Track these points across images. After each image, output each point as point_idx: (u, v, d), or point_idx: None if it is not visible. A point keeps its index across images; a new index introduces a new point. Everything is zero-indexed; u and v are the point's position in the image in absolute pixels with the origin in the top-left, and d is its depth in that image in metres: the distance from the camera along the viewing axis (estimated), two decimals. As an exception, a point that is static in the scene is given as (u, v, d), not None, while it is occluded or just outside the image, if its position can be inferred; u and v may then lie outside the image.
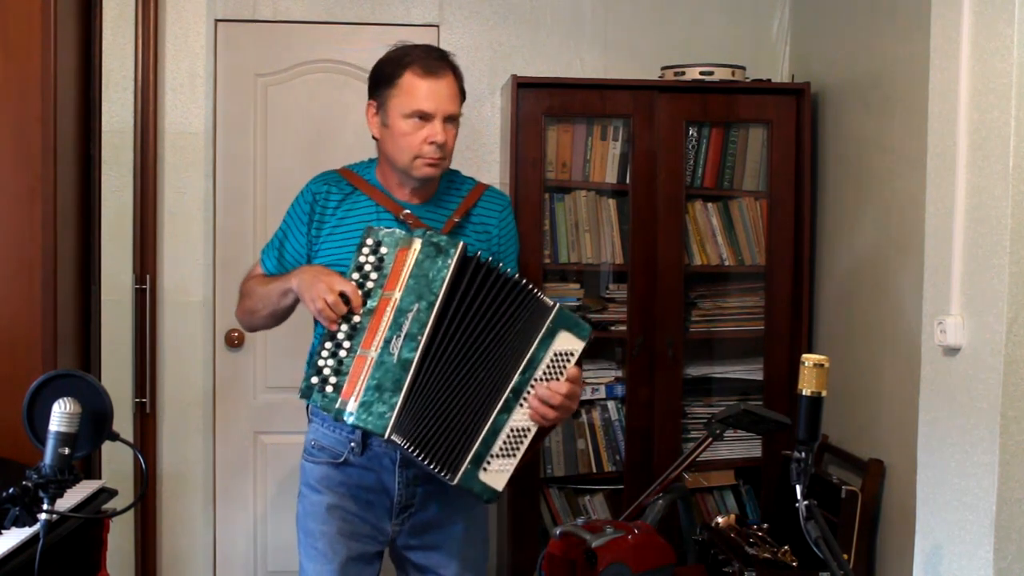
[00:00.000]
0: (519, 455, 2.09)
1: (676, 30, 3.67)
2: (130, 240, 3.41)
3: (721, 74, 3.37)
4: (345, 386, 2.04)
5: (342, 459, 2.23)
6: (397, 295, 2.05)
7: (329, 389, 2.05)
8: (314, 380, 2.06)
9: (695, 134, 3.44)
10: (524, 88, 3.30)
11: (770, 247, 3.43)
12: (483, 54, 3.61)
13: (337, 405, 2.03)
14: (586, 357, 3.53)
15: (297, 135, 3.59)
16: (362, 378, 2.03)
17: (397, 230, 2.13)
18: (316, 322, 2.18)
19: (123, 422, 3.38)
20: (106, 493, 2.53)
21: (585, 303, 3.47)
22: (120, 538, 3.34)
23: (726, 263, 3.47)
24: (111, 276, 3.38)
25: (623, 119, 3.40)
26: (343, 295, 2.05)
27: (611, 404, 3.46)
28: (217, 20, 3.53)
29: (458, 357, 2.06)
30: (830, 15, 3.41)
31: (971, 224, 2.07)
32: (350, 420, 2.02)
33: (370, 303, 2.07)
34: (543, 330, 2.08)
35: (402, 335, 2.04)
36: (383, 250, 2.09)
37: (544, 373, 2.09)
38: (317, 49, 3.58)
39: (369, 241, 2.10)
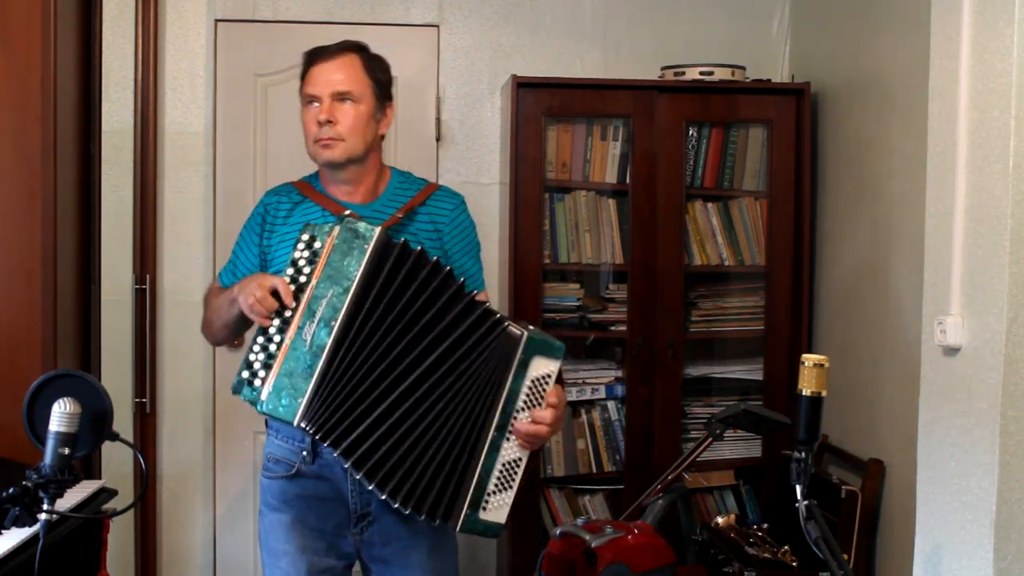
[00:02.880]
0: (515, 485, 2.07)
1: (676, 30, 3.67)
2: (130, 240, 3.41)
3: (721, 74, 3.37)
4: (266, 378, 2.00)
5: (295, 470, 2.20)
6: (314, 282, 2.01)
7: (257, 383, 2.00)
8: (244, 374, 2.02)
9: (695, 134, 3.44)
10: (524, 88, 3.30)
11: (770, 247, 3.43)
12: (483, 54, 3.61)
13: (260, 397, 1.99)
14: (586, 357, 3.54)
15: (297, 135, 3.55)
16: (276, 367, 1.99)
17: (329, 224, 2.08)
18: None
19: (123, 422, 3.38)
20: (106, 493, 2.52)
21: (585, 303, 3.47)
22: (120, 538, 3.34)
23: (726, 263, 3.47)
24: (111, 276, 3.38)
25: (623, 119, 3.40)
26: (274, 291, 2.02)
27: (611, 404, 3.46)
28: (217, 20, 3.53)
29: (385, 346, 1.99)
30: (830, 15, 3.41)
31: (971, 224, 2.07)
32: (260, 408, 1.98)
33: (301, 296, 2.02)
34: (516, 362, 2.02)
35: (315, 320, 1.98)
36: (316, 244, 2.04)
37: (524, 402, 2.04)
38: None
39: (305, 237, 2.06)
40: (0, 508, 1.74)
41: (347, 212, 2.15)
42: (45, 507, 1.74)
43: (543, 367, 2.06)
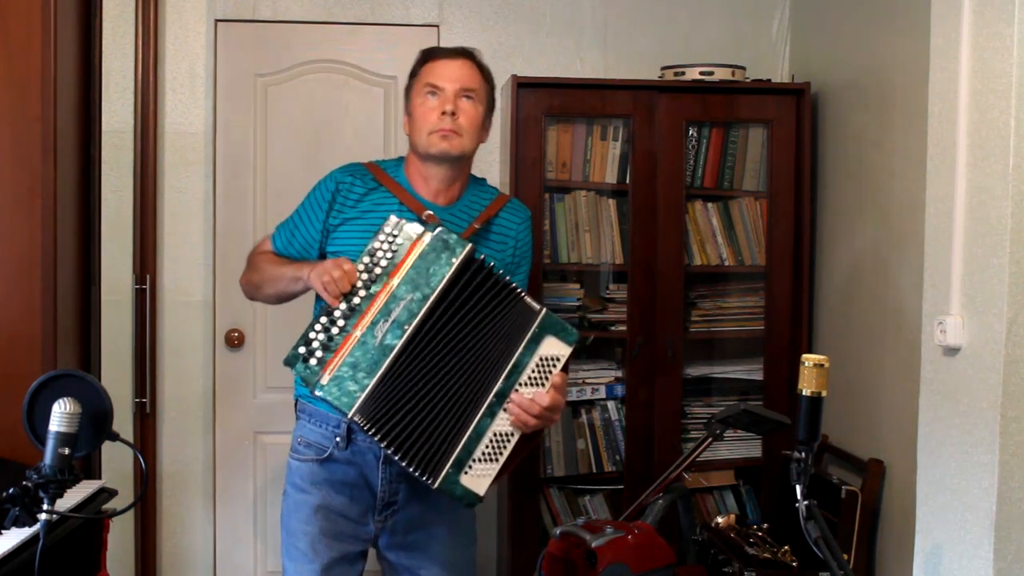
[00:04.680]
0: (502, 460, 2.09)
1: (676, 30, 3.67)
2: (130, 240, 3.41)
3: (721, 74, 3.37)
4: (328, 361, 2.03)
5: (327, 454, 2.23)
6: (395, 282, 2.06)
7: (314, 362, 2.03)
8: (301, 350, 2.05)
9: (695, 134, 3.44)
10: (524, 88, 3.30)
11: (770, 247, 3.43)
12: (483, 54, 3.60)
13: (316, 378, 2.03)
14: (586, 357, 3.54)
15: (297, 135, 3.59)
16: (341, 354, 2.03)
17: (417, 224, 2.13)
18: (317, 300, 2.19)
19: (123, 422, 3.39)
20: (106, 493, 2.53)
21: (585, 303, 3.47)
22: (120, 538, 3.35)
23: (726, 263, 3.47)
24: (111, 276, 3.38)
25: (623, 119, 3.40)
26: (349, 274, 2.07)
27: (611, 404, 3.46)
28: (217, 20, 3.53)
29: (439, 354, 2.06)
30: (830, 15, 3.41)
31: (971, 224, 2.07)
32: (319, 391, 2.01)
33: (373, 288, 2.07)
34: (529, 334, 2.08)
35: (389, 320, 2.04)
36: (399, 240, 2.10)
37: (529, 378, 2.09)
38: (317, 49, 3.58)
39: (387, 229, 2.11)
40: (0, 508, 1.74)
41: (427, 212, 2.21)
42: (45, 507, 1.75)
43: (554, 348, 2.10)
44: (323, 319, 2.07)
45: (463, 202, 2.30)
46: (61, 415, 1.73)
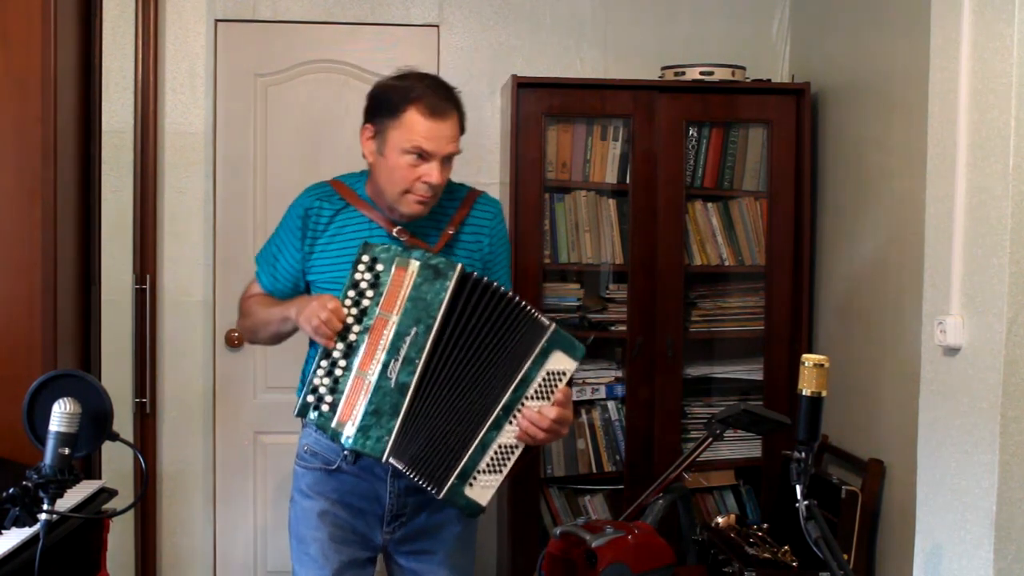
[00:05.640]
0: (505, 471, 2.09)
1: (676, 30, 3.67)
2: (130, 240, 3.41)
3: (721, 74, 3.37)
4: (342, 406, 2.04)
5: (335, 466, 2.22)
6: (395, 318, 2.04)
7: (325, 408, 2.05)
8: (310, 398, 2.06)
9: (695, 134, 3.44)
10: (524, 88, 3.30)
11: (770, 247, 3.43)
12: (483, 54, 3.61)
13: (334, 426, 2.04)
14: (586, 357, 3.54)
15: (297, 135, 3.59)
16: (360, 402, 2.03)
17: (393, 246, 2.10)
18: (311, 343, 2.17)
19: (123, 422, 3.39)
20: (106, 493, 2.53)
21: (585, 303, 3.47)
22: (120, 538, 3.35)
23: (726, 263, 3.47)
24: (111, 276, 3.38)
25: (623, 119, 3.40)
26: (336, 312, 2.05)
27: (611, 404, 3.46)
28: (217, 20, 3.53)
29: (454, 378, 2.06)
30: (830, 15, 3.41)
31: (971, 224, 2.07)
32: (348, 443, 2.03)
33: (366, 321, 2.05)
34: (538, 349, 2.07)
35: (400, 359, 2.03)
36: (379, 267, 2.07)
37: (535, 391, 2.08)
38: (317, 49, 3.58)
39: (365, 258, 2.08)
40: (0, 508, 1.74)
41: (396, 228, 2.18)
42: (45, 507, 1.75)
43: (561, 363, 2.10)
44: (323, 363, 2.06)
45: (431, 209, 2.25)
46: (61, 415, 1.73)
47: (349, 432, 2.03)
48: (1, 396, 2.58)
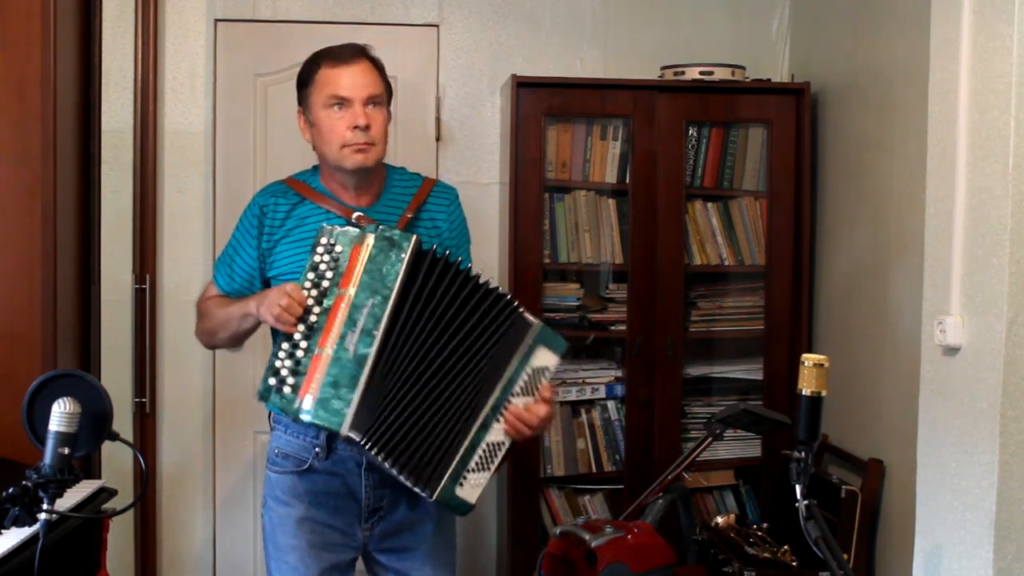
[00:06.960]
0: (493, 468, 2.09)
1: (676, 30, 3.67)
2: (130, 240, 3.41)
3: (721, 74, 3.37)
4: (302, 386, 2.00)
5: (307, 465, 2.20)
6: (351, 291, 2.02)
7: (287, 390, 2.01)
8: (272, 381, 2.02)
9: (695, 134, 3.44)
10: (524, 88, 3.30)
11: (770, 247, 3.43)
12: (483, 54, 3.61)
13: (295, 405, 2.00)
14: (586, 357, 3.55)
15: (297, 135, 3.56)
16: (318, 376, 2.00)
17: (351, 228, 2.09)
18: (274, 334, 2.14)
19: (123, 422, 3.38)
20: (106, 493, 2.53)
21: (585, 303, 3.47)
22: (120, 538, 3.34)
23: (726, 263, 3.48)
24: (111, 276, 3.38)
25: (623, 119, 3.40)
26: (295, 296, 2.03)
27: (611, 404, 3.46)
28: (217, 20, 3.53)
29: (419, 353, 2.03)
30: (830, 15, 3.41)
31: (971, 224, 2.07)
32: (307, 418, 1.99)
33: (326, 302, 2.03)
34: (525, 347, 2.08)
35: (357, 331, 2.01)
36: (338, 248, 2.05)
37: (521, 388, 2.09)
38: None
39: (323, 240, 2.07)
40: (0, 508, 1.74)
41: (356, 215, 2.18)
42: (45, 507, 1.74)
43: (545, 359, 2.11)
44: (285, 345, 2.04)
45: (388, 195, 2.26)
46: (61, 415, 1.73)
47: (308, 406, 1.99)
48: (1, 396, 2.58)
